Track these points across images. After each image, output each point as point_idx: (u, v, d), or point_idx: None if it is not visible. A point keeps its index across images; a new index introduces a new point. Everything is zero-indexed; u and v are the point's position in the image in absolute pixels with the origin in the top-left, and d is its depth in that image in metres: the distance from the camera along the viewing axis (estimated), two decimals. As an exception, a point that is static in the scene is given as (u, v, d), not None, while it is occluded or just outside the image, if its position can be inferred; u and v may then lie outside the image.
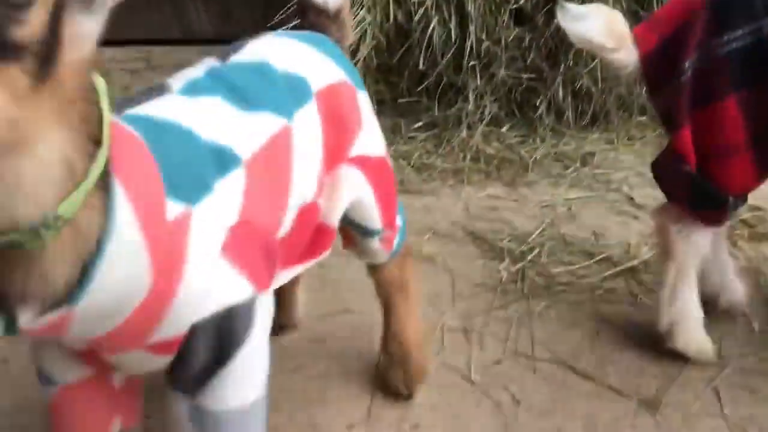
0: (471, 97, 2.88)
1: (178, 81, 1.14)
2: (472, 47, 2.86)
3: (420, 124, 2.94)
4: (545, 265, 2.08)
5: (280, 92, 1.18)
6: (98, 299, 0.84)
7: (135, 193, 0.85)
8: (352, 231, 1.40)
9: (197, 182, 0.97)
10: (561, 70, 2.83)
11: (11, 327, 0.84)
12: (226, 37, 4.65)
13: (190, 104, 1.08)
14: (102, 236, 0.81)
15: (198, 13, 4.58)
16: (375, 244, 1.42)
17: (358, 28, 2.88)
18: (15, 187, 0.72)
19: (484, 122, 2.87)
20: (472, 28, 2.85)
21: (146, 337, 0.97)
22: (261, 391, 1.09)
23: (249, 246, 1.04)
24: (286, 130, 1.15)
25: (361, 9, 2.90)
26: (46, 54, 0.69)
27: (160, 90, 1.13)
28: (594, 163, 2.68)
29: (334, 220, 1.32)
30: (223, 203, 1.00)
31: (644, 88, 1.60)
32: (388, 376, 1.61)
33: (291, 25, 2.50)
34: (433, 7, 2.87)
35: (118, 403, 1.19)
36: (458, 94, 2.95)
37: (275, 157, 1.12)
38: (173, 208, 0.92)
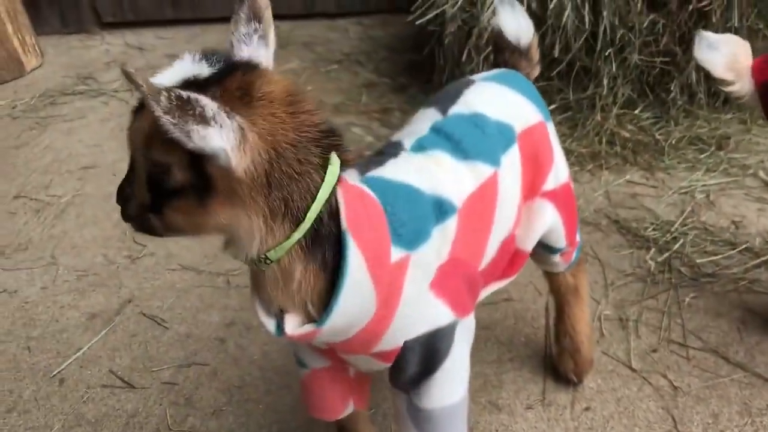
0: (605, 81, 3.00)
1: (407, 139, 1.39)
2: (605, 33, 2.97)
3: (554, 106, 3.08)
4: (690, 254, 2.24)
5: (491, 141, 1.39)
6: (337, 322, 1.14)
7: (365, 243, 1.12)
8: (538, 248, 1.61)
9: (418, 232, 1.23)
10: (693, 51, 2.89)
11: (279, 330, 1.17)
12: (348, 11, 4.88)
13: (419, 161, 1.33)
14: (339, 276, 1.10)
15: (322, -12, 4.76)
16: (556, 258, 1.64)
17: (494, 17, 3.02)
18: (239, 244, 1.09)
19: (617, 105, 2.99)
20: (605, 14, 2.95)
21: (369, 348, 1.27)
22: (462, 394, 1.37)
23: (454, 280, 1.29)
24: (494, 176, 1.37)
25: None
26: (200, 183, 1.02)
27: (396, 148, 1.38)
28: (729, 146, 2.77)
29: (529, 247, 1.54)
30: (437, 247, 1.26)
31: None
32: (560, 366, 1.84)
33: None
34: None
35: (352, 389, 1.51)
36: (591, 78, 3.07)
37: (483, 201, 1.35)
38: (396, 254, 1.20)
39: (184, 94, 0.91)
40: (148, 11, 4.97)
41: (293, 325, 1.16)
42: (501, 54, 1.63)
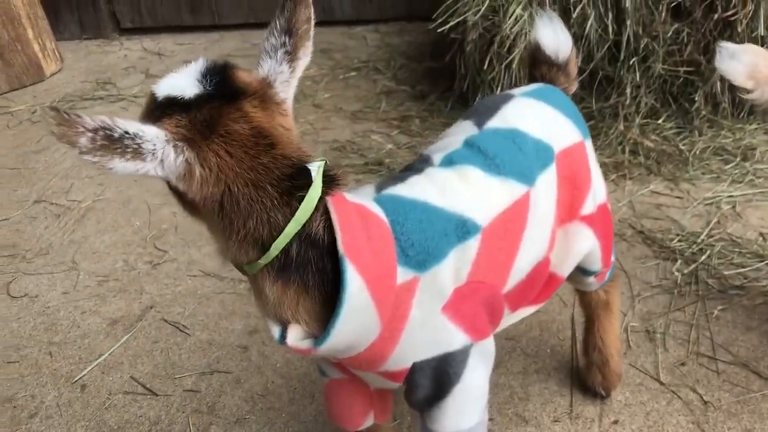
0: (628, 91, 2.98)
1: (438, 153, 1.37)
2: (628, 42, 2.95)
3: (576, 116, 3.06)
4: (717, 266, 2.22)
5: (527, 159, 1.34)
6: (335, 343, 1.13)
7: (365, 267, 1.11)
8: (573, 270, 1.55)
9: (430, 253, 1.19)
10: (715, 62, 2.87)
11: (281, 339, 1.16)
12: (366, 18, 4.89)
13: (444, 177, 1.29)
14: (338, 301, 1.09)
15: (339, -5, 4.76)
16: (590, 279, 1.61)
17: (516, 26, 3.02)
18: (221, 252, 1.15)
19: (640, 115, 2.97)
20: (628, 23, 2.93)
21: (375, 367, 1.25)
22: (477, 420, 1.33)
23: (471, 303, 1.25)
24: (527, 196, 1.32)
25: (518, 7, 3.03)
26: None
27: (424, 161, 1.36)
28: (754, 157, 2.74)
29: (566, 273, 1.49)
30: (454, 268, 1.22)
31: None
32: (588, 378, 1.81)
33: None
34: (591, 4, 2.97)
35: (372, 402, 1.49)
36: (613, 87, 3.05)
37: (512, 221, 1.30)
38: (403, 275, 1.17)
39: (117, 132, 0.95)
40: (167, 17, 4.99)
41: (294, 337, 1.15)
42: (538, 68, 1.59)
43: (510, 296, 1.35)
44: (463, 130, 1.42)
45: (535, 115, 1.42)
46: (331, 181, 1.11)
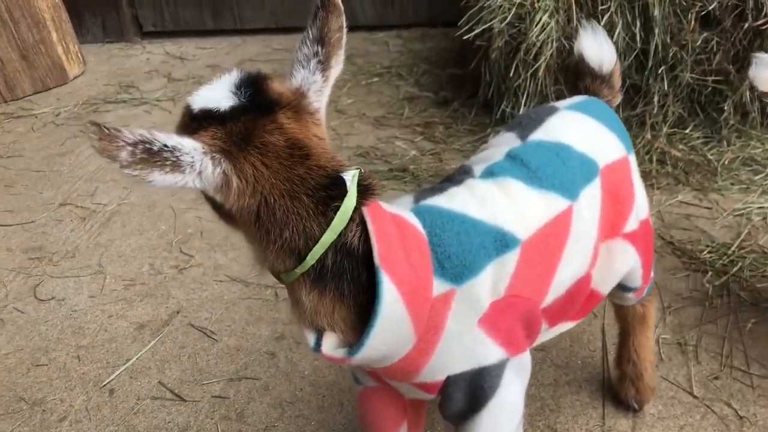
0: (655, 99, 2.96)
1: (479, 165, 1.36)
2: (656, 50, 2.93)
3: (602, 124, 3.04)
4: (748, 278, 2.19)
5: (571, 173, 1.32)
6: (369, 353, 1.13)
7: (400, 278, 1.10)
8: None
9: (467, 265, 1.18)
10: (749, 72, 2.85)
11: (317, 346, 1.16)
12: (388, 24, 4.90)
13: (484, 189, 1.28)
14: (373, 311, 1.09)
15: (361, 0, 4.77)
16: (629, 295, 1.59)
17: (543, 34, 3.01)
18: (258, 260, 1.16)
19: (668, 124, 2.95)
20: (656, 32, 2.92)
21: (409, 378, 1.24)
22: None
23: (508, 317, 1.23)
24: (569, 210, 1.30)
25: (545, 14, 3.02)
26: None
27: (464, 173, 1.35)
28: (784, 168, 2.72)
29: (606, 291, 1.47)
30: (491, 282, 1.20)
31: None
32: (620, 391, 1.79)
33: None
34: (619, 12, 2.95)
35: (406, 412, 1.48)
36: (641, 96, 3.03)
37: (553, 236, 1.28)
38: (439, 287, 1.16)
39: (156, 145, 0.96)
40: (189, 21, 5.02)
41: (330, 345, 1.15)
42: (582, 80, 1.57)
43: (549, 311, 1.33)
44: (505, 142, 1.40)
45: (579, 129, 1.40)
46: (366, 191, 1.11)
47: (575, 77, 1.60)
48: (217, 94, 1.06)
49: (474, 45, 3.23)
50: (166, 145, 0.97)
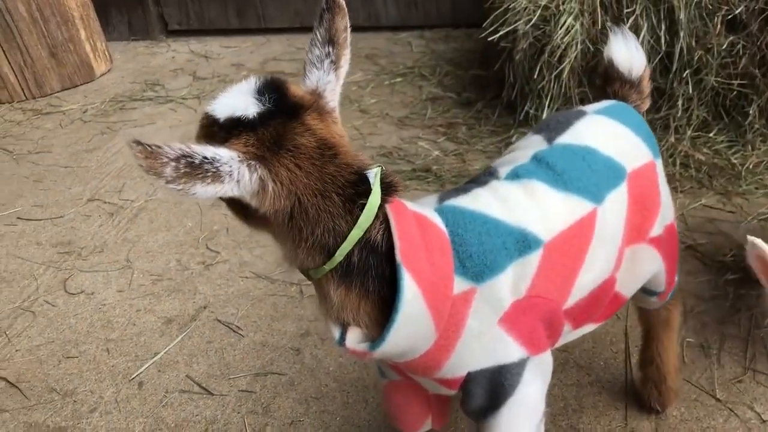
0: (679, 103, 2.96)
1: (504, 166, 1.37)
2: (681, 54, 2.93)
3: (625, 127, 3.04)
4: (772, 283, 2.19)
5: (597, 177, 1.33)
6: (390, 349, 1.16)
7: (421, 275, 1.13)
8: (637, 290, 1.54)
9: (488, 265, 1.20)
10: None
11: (341, 340, 1.19)
12: (411, 24, 4.92)
13: (508, 190, 1.30)
14: (394, 308, 1.11)
15: (384, 0, 4.80)
16: (653, 299, 1.60)
17: (567, 36, 3.02)
18: (288, 258, 1.18)
19: (692, 127, 2.95)
20: (682, 35, 2.92)
21: (430, 373, 1.27)
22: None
23: (529, 317, 1.25)
24: (593, 213, 1.31)
25: (570, 17, 3.03)
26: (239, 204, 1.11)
27: (489, 174, 1.37)
28: (810, 173, 2.71)
29: (630, 294, 1.48)
30: (513, 282, 1.22)
31: None
32: (643, 393, 1.80)
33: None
34: (644, 15, 2.96)
35: (430, 406, 1.50)
36: (665, 99, 3.03)
37: (577, 238, 1.29)
38: (460, 285, 1.18)
39: (197, 158, 0.98)
40: (214, 20, 5.07)
41: (353, 339, 1.18)
42: (611, 84, 1.57)
43: (571, 313, 1.35)
44: (532, 145, 1.42)
45: (607, 134, 1.40)
46: (388, 188, 1.14)
47: (604, 81, 1.61)
48: (240, 102, 1.08)
49: (498, 47, 3.25)
50: (206, 158, 0.99)
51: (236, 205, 1.14)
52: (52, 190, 3.28)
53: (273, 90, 1.10)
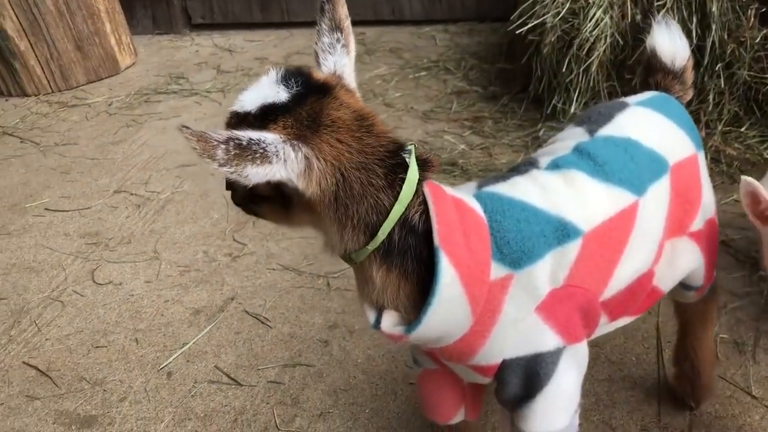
0: (710, 97, 2.92)
1: (545, 157, 1.36)
2: (712, 47, 2.89)
3: (655, 121, 3.01)
4: (807, 279, 2.16)
5: (639, 169, 1.31)
6: (425, 332, 1.15)
7: (459, 259, 1.12)
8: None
9: (526, 252, 1.19)
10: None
11: (376, 324, 1.19)
12: (435, 18, 4.90)
13: (548, 180, 1.28)
14: (431, 290, 1.11)
15: (409, -5, 4.78)
16: (690, 293, 1.57)
17: (596, 30, 2.98)
18: (324, 242, 1.18)
19: (723, 122, 2.91)
20: (714, 28, 2.88)
21: (465, 360, 1.25)
22: (564, 423, 1.31)
23: (566, 306, 1.23)
24: (634, 205, 1.29)
25: (599, 10, 3.00)
26: (281, 196, 1.11)
27: (530, 164, 1.36)
28: None
29: (668, 288, 1.45)
30: (551, 270, 1.21)
31: None
32: (677, 389, 1.78)
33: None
34: (675, 8, 2.92)
35: (465, 396, 1.49)
36: (695, 93, 2.99)
37: (617, 229, 1.27)
38: (497, 271, 1.17)
39: (244, 139, 0.98)
40: (238, 14, 5.08)
41: (389, 323, 1.18)
42: (653, 75, 1.54)
43: (609, 304, 1.33)
44: (573, 136, 1.40)
45: (649, 126, 1.38)
46: (425, 164, 1.14)
47: (646, 72, 1.58)
48: (269, 90, 1.09)
49: (525, 40, 3.22)
50: (252, 139, 0.99)
51: (275, 203, 1.13)
52: (79, 181, 3.30)
53: (297, 75, 1.10)
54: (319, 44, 1.17)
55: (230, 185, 1.21)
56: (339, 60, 1.17)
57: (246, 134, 0.99)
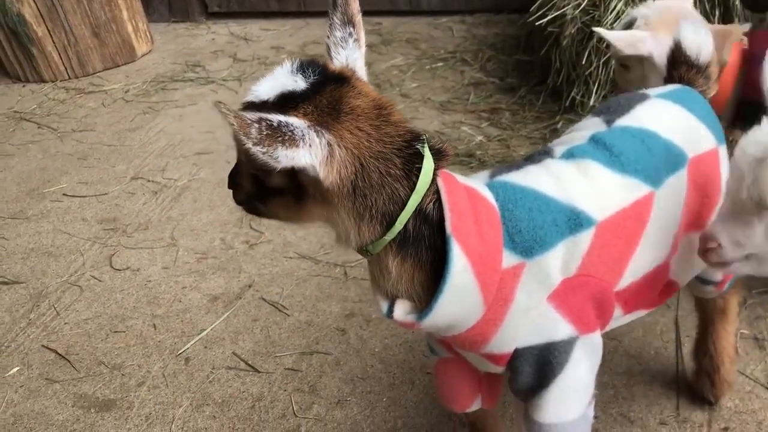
0: (731, 92, 2.89)
1: (560, 146, 1.35)
2: (735, 40, 2.86)
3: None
4: (829, 276, 2.14)
5: (655, 161, 1.30)
6: (437, 320, 1.16)
7: (471, 248, 1.12)
8: (692, 279, 1.50)
9: (538, 240, 1.19)
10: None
11: (389, 313, 1.19)
12: (452, 9, 4.86)
13: (561, 169, 1.28)
14: (442, 278, 1.11)
15: (425, -15, 4.75)
16: (710, 288, 1.57)
17: (618, 21, 2.96)
18: (338, 236, 1.17)
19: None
20: (736, 21, 2.85)
21: (478, 348, 1.25)
22: (578, 413, 1.30)
23: (578, 296, 1.23)
24: (650, 196, 1.28)
25: (620, 2, 2.97)
26: (295, 188, 1.10)
27: (544, 153, 1.35)
28: None
29: (684, 282, 1.45)
30: (563, 259, 1.21)
31: None
32: (696, 384, 1.78)
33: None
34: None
35: (481, 385, 1.49)
36: (716, 87, 2.96)
37: (631, 220, 1.27)
38: (509, 259, 1.17)
39: (275, 120, 0.98)
40: (254, 3, 5.07)
41: (402, 312, 1.18)
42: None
43: (623, 296, 1.32)
44: (590, 126, 1.39)
45: (669, 118, 1.37)
46: (439, 153, 1.14)
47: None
48: (287, 79, 1.09)
49: (545, 31, 3.20)
50: (281, 121, 0.99)
51: (288, 196, 1.12)
52: (96, 167, 3.31)
53: (313, 65, 1.10)
54: (332, 38, 1.17)
55: (234, 183, 1.20)
56: (351, 54, 1.17)
57: (275, 117, 0.99)
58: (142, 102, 3.98)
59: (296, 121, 1.02)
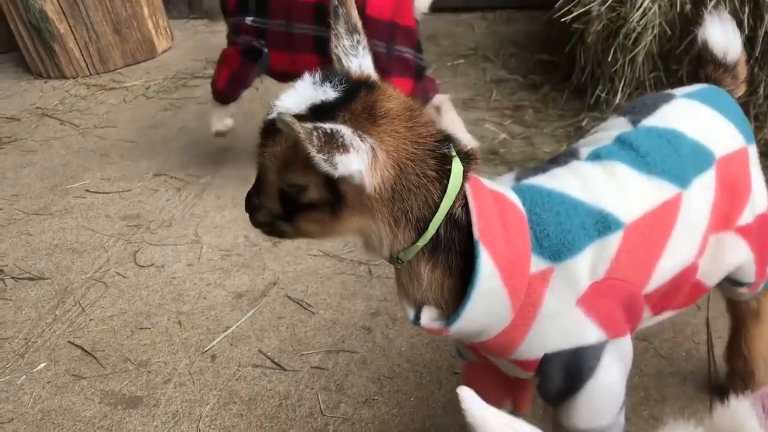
0: (761, 89, 2.85)
1: (586, 147, 1.33)
2: (765, 38, 2.82)
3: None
4: None
5: (683, 160, 1.28)
6: (465, 326, 1.15)
7: (499, 253, 1.11)
8: (723, 281, 1.47)
9: (566, 244, 1.17)
10: None
11: (416, 319, 1.18)
12: (472, 6, 4.82)
13: (588, 171, 1.26)
14: (470, 284, 1.10)
15: (446, -18, 4.71)
16: (742, 290, 1.53)
17: (644, 19, 2.93)
18: (371, 246, 1.16)
19: (772, 115, 2.85)
20: (766, 18, 2.80)
21: (506, 353, 1.24)
22: (610, 420, 1.28)
23: (607, 300, 1.21)
24: (678, 197, 1.26)
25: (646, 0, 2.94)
26: (333, 199, 1.08)
27: (570, 155, 1.33)
28: None
29: (713, 283, 1.42)
30: (591, 263, 1.19)
31: None
32: (729, 387, 1.74)
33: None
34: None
35: (510, 389, 1.47)
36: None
37: (660, 221, 1.25)
38: (538, 264, 1.16)
39: (328, 128, 0.97)
40: None
41: (428, 318, 1.18)
42: (704, 68, 1.50)
43: (652, 298, 1.30)
44: (616, 126, 1.37)
45: (695, 118, 1.35)
46: (467, 157, 1.13)
47: (696, 64, 1.54)
48: (315, 91, 1.08)
49: (570, 28, 3.17)
50: (332, 128, 0.98)
51: (324, 209, 1.10)
52: (119, 164, 3.31)
53: (335, 74, 1.10)
54: (340, 48, 1.16)
55: (252, 207, 1.18)
56: (363, 61, 1.16)
57: (326, 125, 0.98)
58: (164, 98, 3.99)
59: (343, 128, 1.01)
